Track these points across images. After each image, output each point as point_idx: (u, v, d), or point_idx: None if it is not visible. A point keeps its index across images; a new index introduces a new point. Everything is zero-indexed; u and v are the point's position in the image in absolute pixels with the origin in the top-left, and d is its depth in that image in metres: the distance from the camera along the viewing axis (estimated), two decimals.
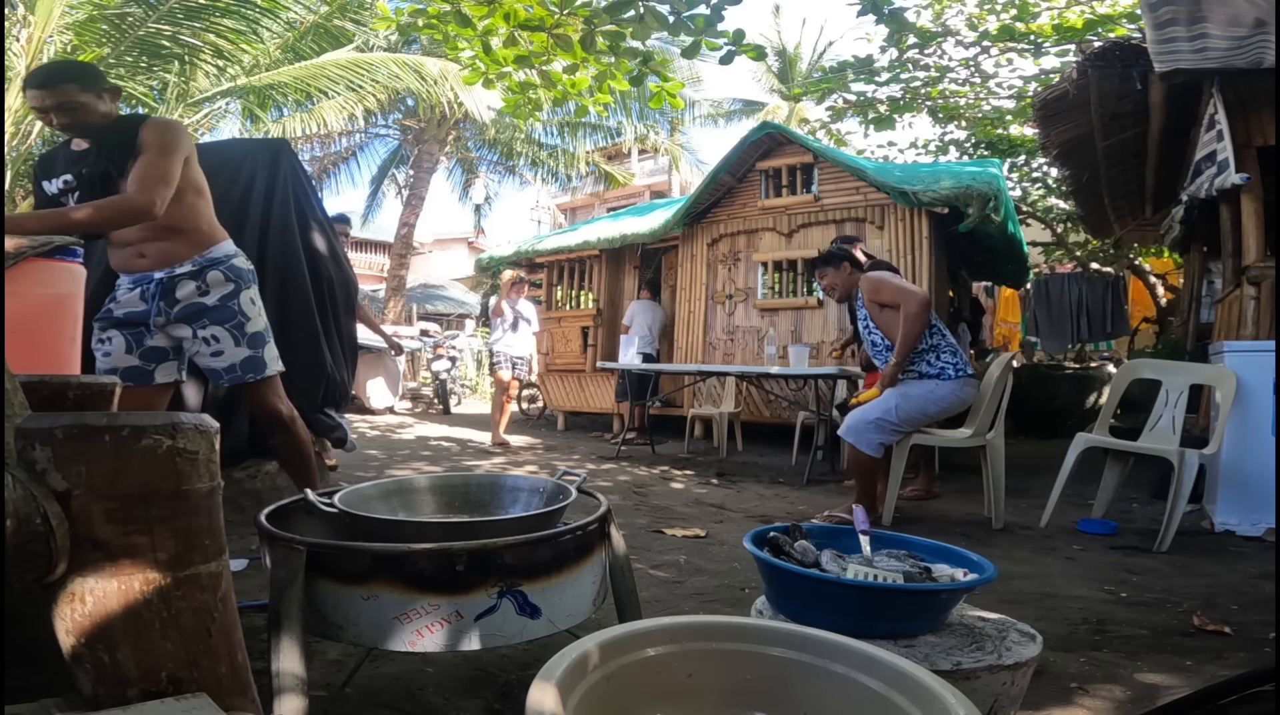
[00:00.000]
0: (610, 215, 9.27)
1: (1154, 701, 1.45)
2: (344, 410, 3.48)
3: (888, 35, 6.51)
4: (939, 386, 3.04)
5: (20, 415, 0.82)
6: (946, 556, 1.43)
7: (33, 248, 1.82)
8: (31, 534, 0.67)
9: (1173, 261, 8.64)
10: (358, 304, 3.77)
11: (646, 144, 15.05)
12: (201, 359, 2.17)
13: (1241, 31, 3.45)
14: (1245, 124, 3.74)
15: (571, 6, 3.53)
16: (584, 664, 0.81)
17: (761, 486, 4.23)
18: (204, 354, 2.15)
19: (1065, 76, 4.82)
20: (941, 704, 0.76)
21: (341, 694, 1.39)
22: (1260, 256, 3.63)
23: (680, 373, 5.84)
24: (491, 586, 1.14)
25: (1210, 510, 3.17)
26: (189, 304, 2.10)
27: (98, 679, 0.71)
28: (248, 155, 3.14)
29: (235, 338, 2.14)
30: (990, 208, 5.11)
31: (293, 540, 1.15)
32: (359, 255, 22.23)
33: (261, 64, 8.27)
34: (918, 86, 7.88)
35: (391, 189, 15.77)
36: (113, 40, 6.83)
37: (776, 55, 18.14)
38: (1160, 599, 2.16)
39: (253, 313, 2.19)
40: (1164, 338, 7.61)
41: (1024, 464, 4.74)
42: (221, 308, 2.13)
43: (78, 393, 1.20)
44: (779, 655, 0.92)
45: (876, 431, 3.00)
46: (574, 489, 1.53)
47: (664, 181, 20.47)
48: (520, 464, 5.11)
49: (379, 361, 8.83)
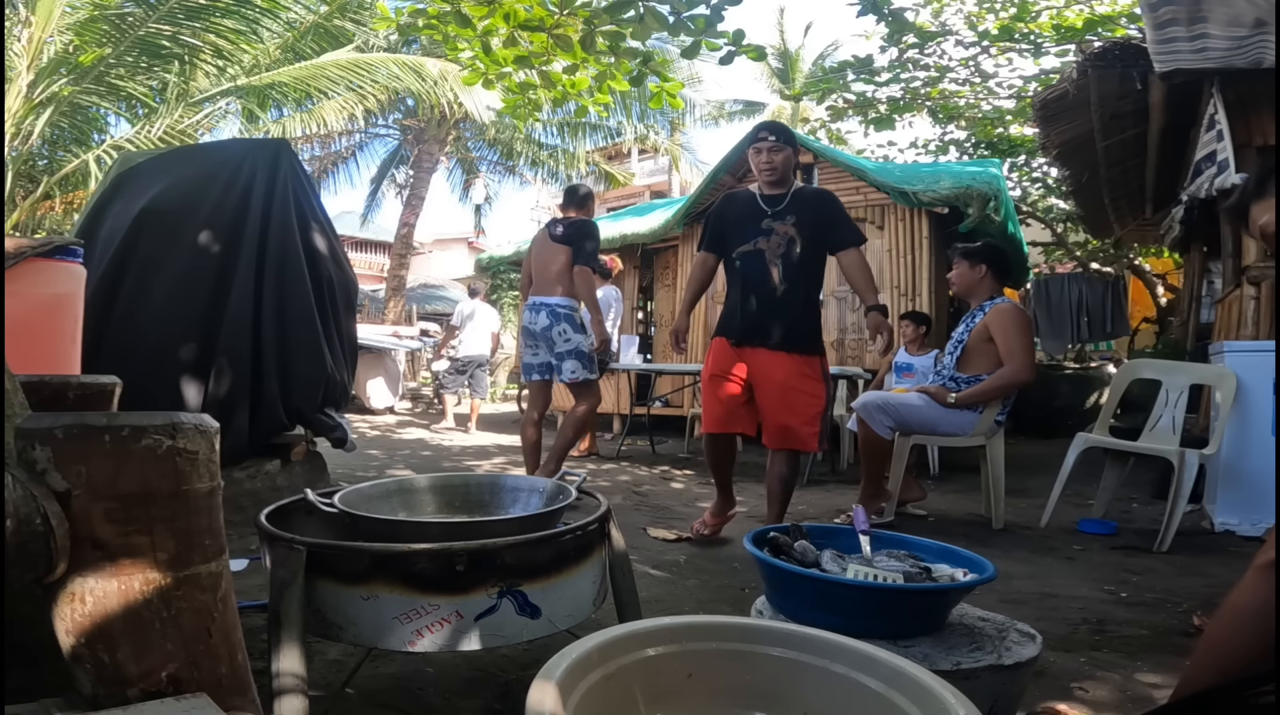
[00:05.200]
0: (610, 215, 9.26)
1: (1154, 701, 1.45)
2: (344, 410, 3.48)
3: (887, 35, 6.50)
4: (965, 416, 3.06)
5: (20, 415, 0.82)
6: (946, 556, 1.44)
7: (33, 248, 1.82)
8: (31, 534, 0.67)
9: (1173, 261, 8.64)
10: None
11: (646, 144, 15.04)
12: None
13: (1241, 31, 3.45)
14: (1245, 124, 3.74)
15: (571, 6, 3.53)
16: (584, 664, 0.81)
17: (761, 486, 4.22)
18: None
19: (1065, 76, 4.82)
20: (941, 704, 0.76)
21: (341, 694, 1.39)
22: (1260, 256, 3.63)
23: (680, 373, 5.84)
24: (491, 586, 1.14)
25: (1210, 510, 3.17)
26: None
27: (98, 679, 0.71)
28: (248, 155, 3.13)
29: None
30: (990, 208, 5.11)
31: (293, 540, 1.15)
32: (359, 255, 22.22)
33: (261, 64, 8.28)
34: (918, 86, 7.88)
35: (391, 189, 15.75)
36: (113, 40, 6.83)
37: (778, 56, 18.13)
38: (1160, 599, 2.16)
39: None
40: (1164, 338, 7.61)
41: (1024, 464, 4.74)
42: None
43: (78, 393, 1.20)
44: (779, 655, 0.92)
45: (882, 414, 3.02)
46: (574, 489, 1.53)
47: (664, 181, 20.45)
48: (520, 464, 5.11)
49: (379, 361, 8.83)
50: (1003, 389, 3.00)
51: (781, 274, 2.65)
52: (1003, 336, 3.00)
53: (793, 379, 2.63)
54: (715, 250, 2.86)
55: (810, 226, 2.66)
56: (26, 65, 6.52)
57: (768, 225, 2.68)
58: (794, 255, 2.65)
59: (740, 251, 2.72)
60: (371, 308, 16.67)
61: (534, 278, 3.78)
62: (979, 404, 3.04)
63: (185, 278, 2.86)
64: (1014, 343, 2.98)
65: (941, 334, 5.35)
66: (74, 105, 7.12)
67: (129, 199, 3.01)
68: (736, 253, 2.74)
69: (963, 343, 3.14)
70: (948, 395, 3.04)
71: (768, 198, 2.73)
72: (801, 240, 2.65)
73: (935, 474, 4.74)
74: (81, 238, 2.61)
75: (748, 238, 2.71)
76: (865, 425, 3.02)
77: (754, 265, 2.69)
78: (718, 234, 2.83)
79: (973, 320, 3.16)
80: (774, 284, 2.65)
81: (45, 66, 6.78)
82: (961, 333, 3.18)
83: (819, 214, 2.69)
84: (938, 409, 3.05)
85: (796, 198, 2.71)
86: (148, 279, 2.82)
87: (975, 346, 3.10)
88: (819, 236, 2.68)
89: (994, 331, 3.03)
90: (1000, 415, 3.09)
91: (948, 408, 3.04)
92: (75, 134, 7.70)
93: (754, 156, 2.72)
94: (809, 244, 2.66)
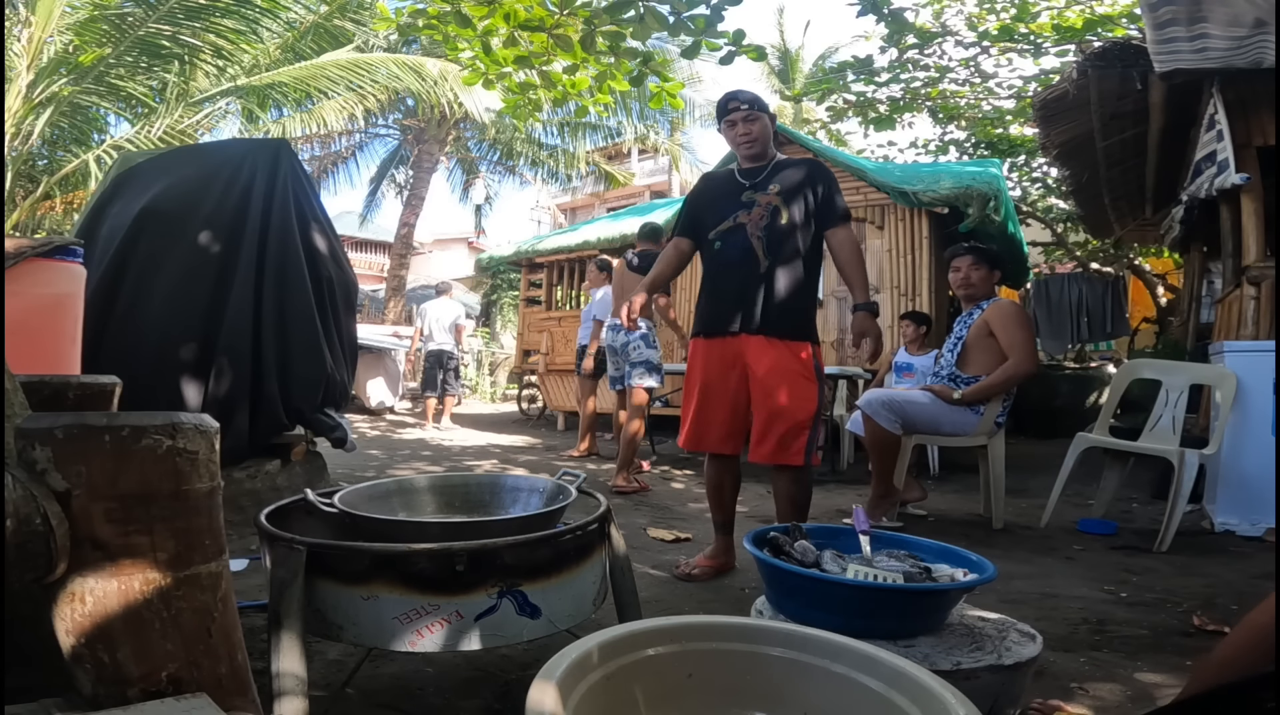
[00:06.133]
0: (610, 215, 9.27)
1: (1154, 701, 1.45)
2: (344, 410, 3.48)
3: (887, 35, 6.50)
4: (967, 415, 3.06)
5: (20, 415, 0.82)
6: (946, 556, 1.44)
7: (33, 248, 1.82)
8: (31, 534, 0.67)
9: (1173, 261, 8.63)
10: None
11: (646, 144, 15.02)
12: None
13: (1241, 31, 3.45)
14: (1245, 124, 3.74)
15: (571, 6, 3.53)
16: (584, 664, 0.81)
17: (761, 486, 4.22)
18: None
19: (1065, 76, 4.82)
20: (941, 704, 0.76)
21: (341, 694, 1.39)
22: (1260, 256, 3.63)
23: (681, 373, 5.83)
24: (491, 586, 1.14)
25: (1210, 510, 3.17)
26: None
27: (98, 679, 0.71)
28: (248, 155, 3.13)
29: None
30: (990, 208, 5.11)
31: (293, 540, 1.15)
32: (359, 255, 22.22)
33: (261, 64, 8.28)
34: (918, 87, 7.88)
35: (391, 189, 15.75)
36: (113, 40, 6.83)
37: (779, 56, 18.14)
38: (1160, 599, 2.16)
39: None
40: (1164, 338, 7.61)
41: (1024, 464, 4.74)
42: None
43: (78, 393, 1.20)
44: (779, 655, 0.92)
45: (888, 411, 3.01)
46: (574, 489, 1.53)
47: (664, 181, 20.44)
48: (520, 464, 5.11)
49: (379, 361, 8.82)
50: (1008, 382, 3.01)
51: (766, 248, 2.32)
52: (1004, 331, 3.02)
53: (776, 371, 2.29)
54: (689, 234, 2.53)
55: (796, 194, 2.36)
56: (26, 65, 6.52)
57: (748, 198, 2.39)
58: (779, 227, 2.33)
59: (718, 231, 2.41)
60: (371, 308, 16.68)
61: (617, 302, 4.58)
62: (980, 403, 3.04)
63: (185, 278, 2.86)
64: (1015, 336, 3.01)
65: (941, 334, 5.35)
66: (74, 105, 7.13)
67: (129, 199, 3.01)
68: (714, 233, 2.42)
69: (962, 340, 3.15)
70: (952, 393, 3.05)
71: (746, 171, 2.44)
72: (787, 211, 2.34)
73: (935, 474, 4.74)
74: (81, 238, 2.61)
75: (725, 214, 2.40)
76: (871, 421, 3.02)
77: (734, 242, 2.37)
78: (692, 217, 2.52)
79: (970, 318, 3.18)
80: (757, 259, 2.32)
81: (45, 66, 6.78)
82: (960, 331, 3.19)
83: (804, 180, 2.38)
84: (942, 407, 3.05)
85: (778, 166, 2.42)
86: (148, 279, 2.82)
87: (975, 343, 3.11)
88: (805, 208, 2.36)
89: (995, 327, 3.05)
90: (1001, 415, 3.09)
91: (952, 405, 3.05)
92: (75, 134, 7.71)
93: (728, 130, 2.42)
94: (796, 214, 2.35)
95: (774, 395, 2.29)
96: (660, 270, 2.56)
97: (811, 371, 2.32)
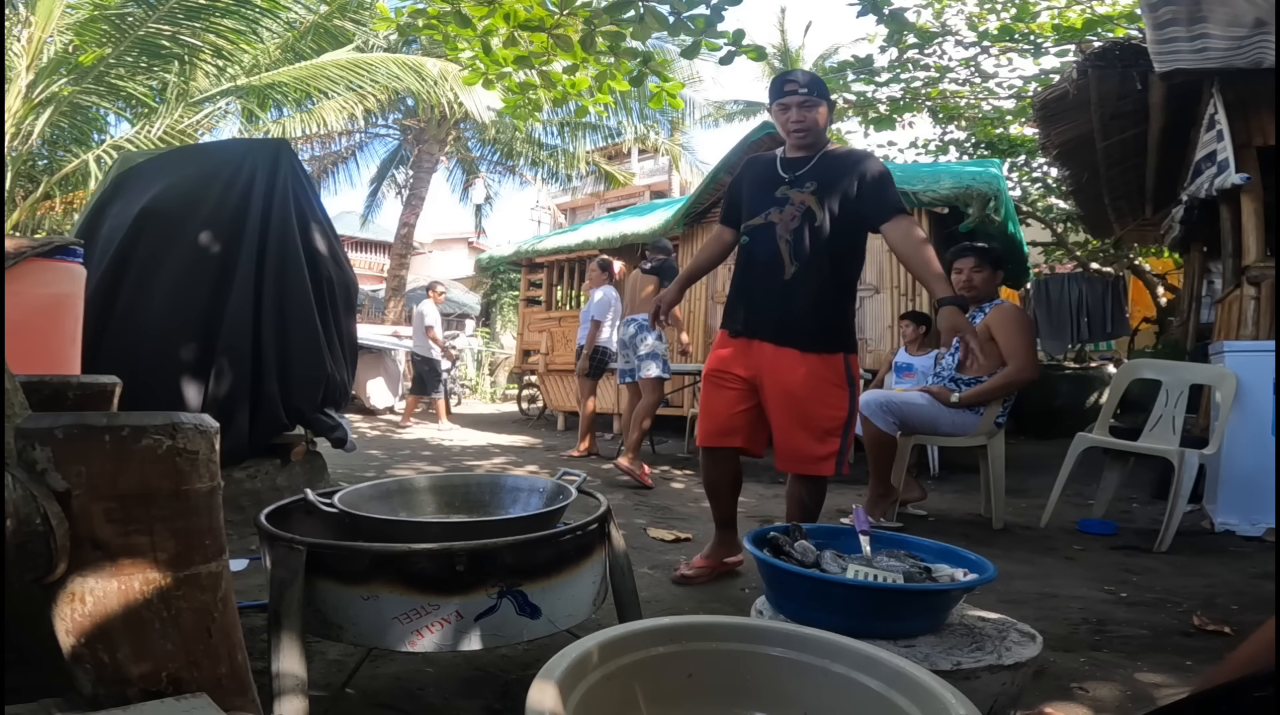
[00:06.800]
0: (610, 215, 9.27)
1: (1154, 701, 1.45)
2: (344, 410, 3.48)
3: (888, 35, 6.50)
4: (966, 416, 3.06)
5: (20, 415, 0.82)
6: (946, 556, 1.44)
7: (33, 248, 1.82)
8: (31, 534, 0.67)
9: (1173, 261, 8.64)
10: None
11: (646, 144, 15.03)
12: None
13: (1241, 31, 3.46)
14: (1245, 124, 3.74)
15: (571, 6, 3.53)
16: (584, 664, 0.81)
17: (761, 486, 4.22)
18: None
19: (1065, 76, 4.82)
20: (941, 704, 0.76)
21: (341, 694, 1.39)
22: (1260, 256, 3.63)
23: (680, 373, 5.84)
24: (491, 586, 1.14)
25: (1210, 510, 3.17)
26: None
27: (98, 679, 0.71)
28: (248, 155, 3.13)
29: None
30: (990, 208, 5.11)
31: (293, 540, 1.15)
32: (359, 255, 22.22)
33: (261, 64, 8.28)
34: (918, 87, 7.88)
35: (391, 189, 15.75)
36: (113, 40, 6.83)
37: (779, 56, 18.13)
38: (1160, 599, 2.16)
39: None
40: (1164, 338, 7.61)
41: (1024, 464, 4.74)
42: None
43: (78, 393, 1.20)
44: (779, 655, 0.92)
45: (886, 412, 3.02)
46: (574, 489, 1.53)
47: (664, 181, 20.45)
48: (520, 464, 5.11)
49: (379, 361, 8.83)
50: (1007, 388, 3.00)
51: (791, 253, 2.16)
52: (1005, 336, 3.01)
53: (803, 385, 2.16)
54: (731, 223, 2.38)
55: (833, 196, 2.16)
56: (26, 65, 6.52)
57: (783, 194, 2.21)
58: (808, 231, 2.15)
59: (749, 225, 2.26)
60: (371, 308, 16.68)
61: (628, 301, 5.03)
62: (980, 404, 3.04)
63: (185, 278, 2.86)
64: (1016, 341, 3.00)
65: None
66: (74, 105, 7.13)
67: (129, 199, 3.01)
68: (746, 226, 2.27)
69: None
70: (950, 395, 3.05)
71: (788, 161, 2.25)
72: (821, 213, 2.15)
73: (935, 474, 4.74)
74: (81, 238, 2.61)
75: (759, 209, 2.24)
76: (869, 423, 3.02)
77: (762, 242, 2.22)
78: (733, 204, 2.37)
79: (972, 320, 3.16)
80: (783, 265, 2.17)
81: (45, 66, 6.78)
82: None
83: (845, 179, 2.17)
84: (940, 408, 3.05)
85: (823, 161, 2.21)
86: (148, 279, 2.82)
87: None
88: (845, 208, 2.16)
89: (996, 331, 3.04)
90: (1000, 416, 3.09)
91: (950, 407, 3.05)
92: (75, 134, 7.71)
93: (780, 114, 2.22)
94: (831, 218, 2.16)
95: (798, 411, 2.18)
96: (699, 260, 2.48)
97: (843, 377, 2.20)
